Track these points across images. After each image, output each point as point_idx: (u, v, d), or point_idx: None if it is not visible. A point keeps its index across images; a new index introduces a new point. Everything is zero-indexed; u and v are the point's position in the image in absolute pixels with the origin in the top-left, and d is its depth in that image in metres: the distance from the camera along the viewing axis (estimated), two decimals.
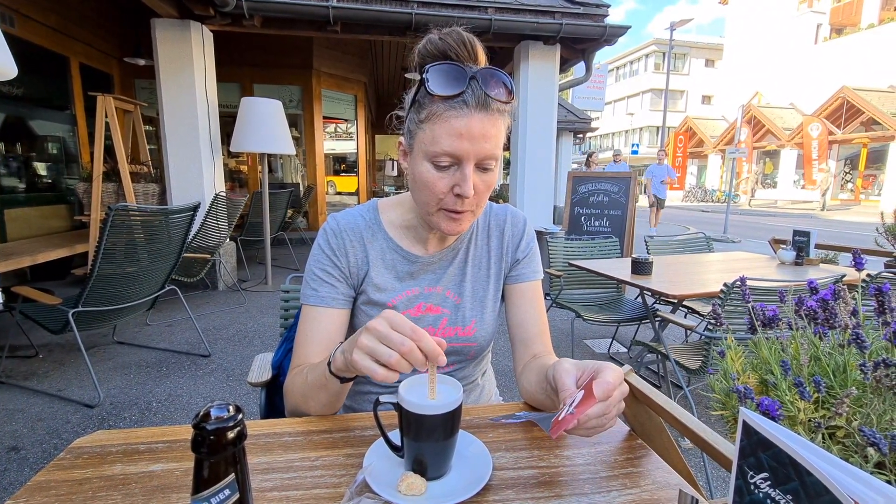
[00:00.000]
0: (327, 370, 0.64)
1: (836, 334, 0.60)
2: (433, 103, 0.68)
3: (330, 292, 0.80)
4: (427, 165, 0.70)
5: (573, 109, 12.12)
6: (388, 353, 0.53)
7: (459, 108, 0.66)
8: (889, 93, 16.87)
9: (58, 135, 4.85)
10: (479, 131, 0.67)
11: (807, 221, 12.65)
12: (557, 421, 0.53)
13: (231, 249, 4.60)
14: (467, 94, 0.66)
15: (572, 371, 0.60)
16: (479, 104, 0.66)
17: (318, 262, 0.81)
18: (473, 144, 0.67)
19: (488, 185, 0.73)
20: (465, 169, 0.68)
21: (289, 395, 0.76)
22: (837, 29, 22.97)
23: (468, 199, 0.70)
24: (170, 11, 3.83)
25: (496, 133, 0.69)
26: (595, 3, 4.55)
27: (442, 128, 0.67)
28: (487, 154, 0.69)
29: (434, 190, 0.71)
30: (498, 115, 0.69)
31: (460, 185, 0.69)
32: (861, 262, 0.76)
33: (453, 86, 0.66)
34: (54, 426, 2.06)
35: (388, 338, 0.53)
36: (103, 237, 2.21)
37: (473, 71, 0.67)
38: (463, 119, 0.66)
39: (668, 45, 13.93)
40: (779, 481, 0.34)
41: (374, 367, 0.54)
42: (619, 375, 0.56)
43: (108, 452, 0.59)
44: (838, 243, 2.99)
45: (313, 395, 0.69)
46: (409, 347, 0.52)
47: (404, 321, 0.54)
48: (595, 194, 5.08)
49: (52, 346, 2.92)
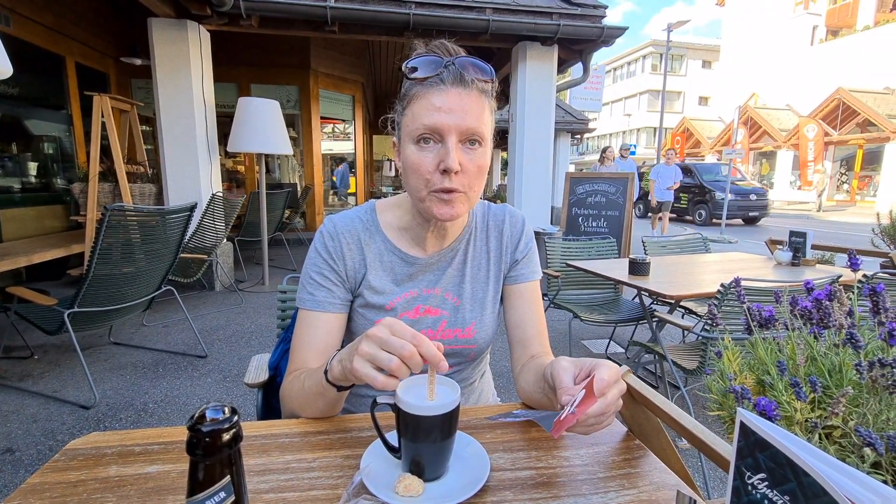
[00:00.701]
0: (324, 379, 0.63)
1: (831, 334, 0.60)
2: (413, 87, 0.70)
3: (327, 296, 0.79)
4: (412, 147, 0.71)
5: (571, 110, 12.14)
6: (389, 357, 0.53)
7: (437, 85, 0.68)
8: (885, 94, 16.96)
9: (54, 135, 4.82)
10: (458, 104, 0.68)
11: (803, 222, 12.70)
12: (560, 421, 0.53)
13: (228, 250, 4.58)
14: (444, 74, 0.68)
15: (570, 369, 0.60)
16: (455, 80, 0.68)
17: (314, 265, 0.81)
18: (452, 117, 0.68)
19: (478, 165, 0.72)
20: (448, 143, 0.68)
21: (286, 400, 0.75)
22: (833, 31, 23.10)
23: (456, 175, 0.69)
24: (167, 11, 3.82)
25: (477, 109, 0.69)
26: (592, 4, 4.56)
27: (420, 105, 0.69)
28: (469, 128, 0.69)
29: (420, 170, 0.71)
30: (478, 93, 0.70)
31: (444, 159, 0.68)
32: (857, 263, 0.76)
33: (430, 69, 0.69)
34: (49, 427, 2.05)
35: (389, 343, 0.53)
36: (99, 237, 2.20)
37: (451, 59, 0.70)
38: (440, 94, 0.68)
39: (665, 46, 13.97)
40: (776, 482, 0.34)
41: (374, 375, 0.53)
42: (615, 372, 0.56)
43: (104, 454, 0.59)
44: (834, 244, 3.01)
45: (310, 402, 0.68)
46: (410, 352, 0.52)
47: (405, 327, 0.54)
48: (592, 195, 5.09)
49: (48, 347, 2.90)
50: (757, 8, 24.96)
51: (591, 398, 0.52)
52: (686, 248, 3.39)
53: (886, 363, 0.50)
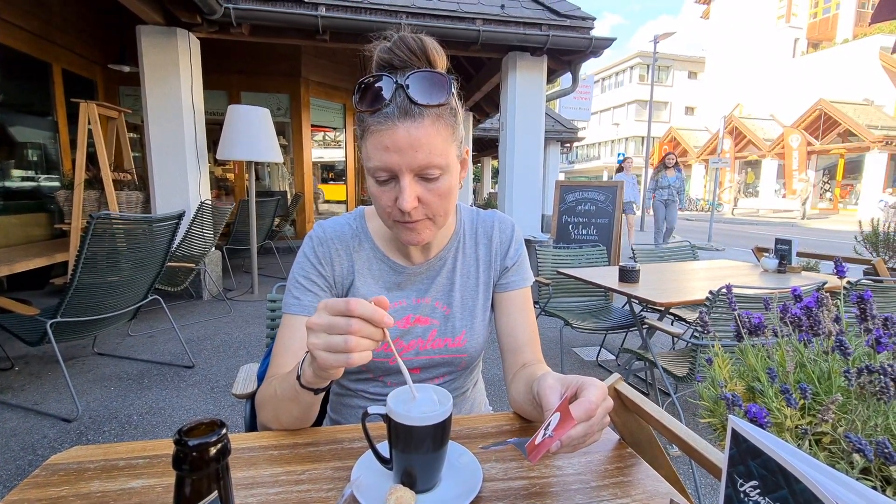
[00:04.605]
0: (297, 383, 0.61)
1: (820, 341, 0.61)
2: (364, 118, 0.67)
3: (313, 301, 0.78)
4: (371, 180, 0.69)
5: (560, 119, 12.29)
6: (340, 340, 0.51)
7: (384, 121, 0.64)
8: (864, 105, 17.45)
9: (38, 141, 4.75)
10: (406, 142, 0.64)
11: (788, 230, 12.93)
12: (534, 445, 0.52)
13: (217, 258, 4.53)
14: (391, 106, 0.64)
15: (556, 387, 0.58)
16: (402, 113, 0.63)
17: (302, 269, 0.80)
18: (402, 156, 0.64)
19: (439, 194, 0.69)
20: (402, 181, 0.66)
21: (260, 408, 0.73)
22: (814, 43, 23.79)
23: (414, 209, 0.68)
24: (156, 19, 3.80)
25: (428, 140, 0.65)
26: (581, 16, 4.64)
27: (371, 143, 0.66)
28: (422, 163, 0.65)
29: (380, 204, 0.69)
30: (431, 121, 0.65)
31: (399, 198, 0.67)
32: (843, 271, 0.77)
33: (376, 99, 0.64)
34: (29, 441, 1.99)
35: (333, 325, 0.51)
36: (84, 246, 2.16)
37: (404, 78, 0.64)
38: (387, 132, 0.64)
39: (651, 57, 14.25)
40: (768, 489, 0.34)
41: (341, 359, 0.52)
42: (601, 393, 0.54)
43: (86, 469, 0.57)
44: (818, 251, 3.06)
45: (284, 408, 0.66)
46: (357, 324, 0.51)
47: (337, 302, 0.52)
48: (582, 203, 5.14)
49: (29, 358, 2.83)
50: (740, 21, 25.62)
51: (570, 421, 0.50)
52: (674, 255, 3.43)
53: (874, 370, 0.50)
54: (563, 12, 4.62)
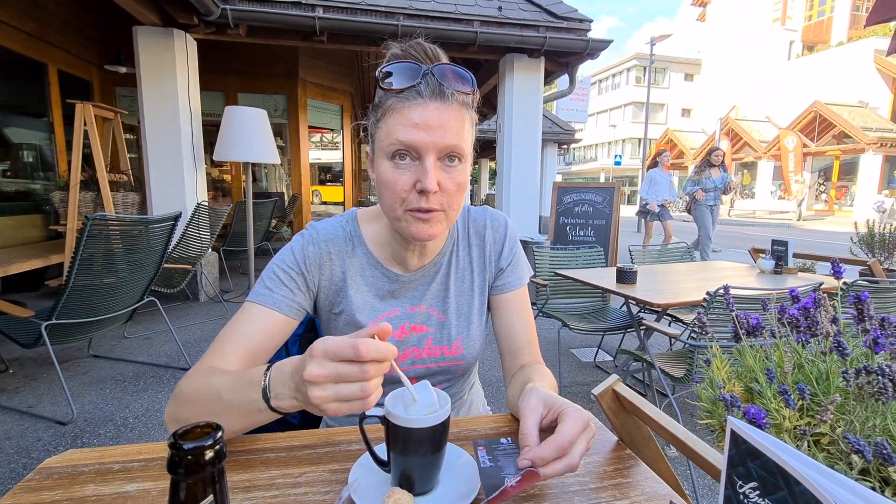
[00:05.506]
0: (264, 404, 0.54)
1: (818, 342, 0.61)
2: (388, 99, 0.65)
3: (286, 296, 0.73)
4: (387, 164, 0.66)
5: (557, 121, 12.33)
6: (356, 388, 0.46)
7: (414, 98, 0.63)
8: (859, 107, 17.57)
9: (34, 142, 4.72)
10: (437, 121, 0.63)
11: (784, 231, 13.00)
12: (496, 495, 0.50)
13: (213, 259, 4.52)
14: (421, 86, 0.63)
15: (538, 409, 0.57)
16: (434, 93, 0.63)
17: (284, 263, 0.75)
18: (431, 134, 0.63)
19: (458, 183, 0.67)
20: (426, 162, 0.64)
21: (183, 402, 0.63)
22: (809, 46, 23.96)
23: (433, 195, 0.65)
24: (152, 19, 3.79)
25: (457, 124, 0.64)
26: (578, 18, 4.65)
27: (397, 119, 0.64)
28: (448, 145, 0.64)
29: (395, 189, 0.66)
30: (458, 106, 0.65)
31: (421, 179, 0.64)
32: (840, 272, 0.77)
33: (407, 79, 0.63)
34: (24, 445, 1.97)
35: (343, 375, 0.46)
36: (80, 247, 2.15)
37: (429, 67, 0.64)
38: (418, 109, 0.63)
39: (648, 59, 14.30)
40: (768, 491, 0.34)
41: (356, 406, 0.48)
42: (579, 426, 0.52)
43: (80, 472, 0.57)
44: (814, 252, 3.08)
45: (226, 417, 0.58)
46: (372, 370, 0.46)
47: (338, 344, 0.46)
48: (579, 204, 5.16)
49: (24, 361, 2.81)
50: (736, 23, 25.79)
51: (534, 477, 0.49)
52: (672, 256, 3.43)
53: (872, 370, 0.50)
54: (560, 14, 4.64)
